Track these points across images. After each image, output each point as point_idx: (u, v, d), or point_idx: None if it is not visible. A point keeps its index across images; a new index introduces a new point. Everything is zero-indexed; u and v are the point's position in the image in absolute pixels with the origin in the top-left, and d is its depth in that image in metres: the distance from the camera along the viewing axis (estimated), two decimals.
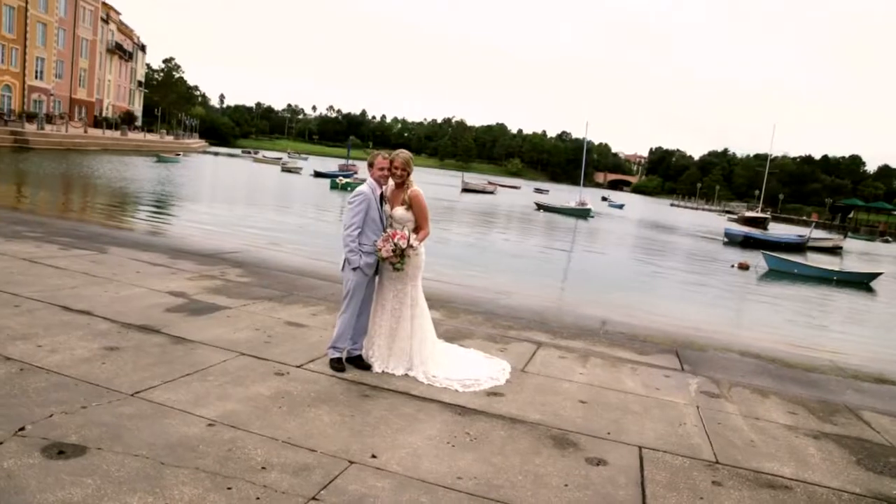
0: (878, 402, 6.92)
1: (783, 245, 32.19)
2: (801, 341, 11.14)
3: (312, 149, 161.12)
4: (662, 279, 19.05)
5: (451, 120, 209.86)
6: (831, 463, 4.81)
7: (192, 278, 8.30)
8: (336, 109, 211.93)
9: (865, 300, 19.67)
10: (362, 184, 5.35)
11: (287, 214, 24.88)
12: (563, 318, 9.62)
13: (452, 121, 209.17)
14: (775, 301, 17.48)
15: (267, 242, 14.48)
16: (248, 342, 5.74)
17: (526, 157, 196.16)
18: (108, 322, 5.73)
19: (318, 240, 17.44)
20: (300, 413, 4.26)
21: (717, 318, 12.81)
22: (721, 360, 7.90)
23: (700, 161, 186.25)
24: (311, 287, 9.01)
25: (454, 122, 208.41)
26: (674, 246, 33.63)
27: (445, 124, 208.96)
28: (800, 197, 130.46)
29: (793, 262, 23.00)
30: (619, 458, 4.29)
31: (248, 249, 12.15)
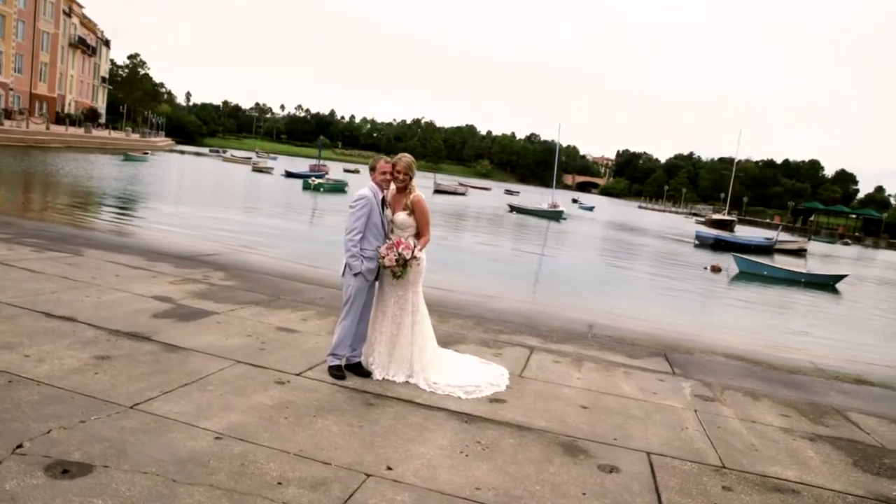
0: (862, 403, 7.08)
1: (752, 248, 32.95)
2: (779, 343, 11.37)
3: (281, 148, 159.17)
4: (640, 282, 19.27)
5: (420, 121, 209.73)
6: (830, 465, 4.89)
7: (174, 282, 8.06)
8: (305, 109, 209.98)
9: (833, 301, 20.23)
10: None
11: (262, 216, 24.44)
12: (551, 321, 9.62)
13: (422, 122, 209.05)
14: (749, 303, 17.84)
15: (245, 244, 14.18)
16: (242, 349, 5.57)
17: (495, 158, 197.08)
18: (94, 329, 5.50)
19: (296, 242, 17.21)
20: (308, 424, 4.13)
21: (698, 320, 13.01)
22: (709, 363, 7.99)
23: (666, 164, 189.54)
24: (297, 291, 8.84)
25: (424, 122, 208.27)
26: (647, 248, 34.11)
27: (415, 125, 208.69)
28: (762, 200, 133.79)
29: (762, 265, 23.53)
30: (631, 465, 4.27)
31: (227, 252, 11.89)
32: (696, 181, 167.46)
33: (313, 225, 24.20)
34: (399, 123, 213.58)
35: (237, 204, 29.28)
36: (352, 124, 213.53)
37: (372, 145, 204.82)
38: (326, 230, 21.86)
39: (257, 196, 35.52)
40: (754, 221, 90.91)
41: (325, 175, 48.41)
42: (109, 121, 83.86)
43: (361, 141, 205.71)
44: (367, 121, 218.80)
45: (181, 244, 11.99)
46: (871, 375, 9.15)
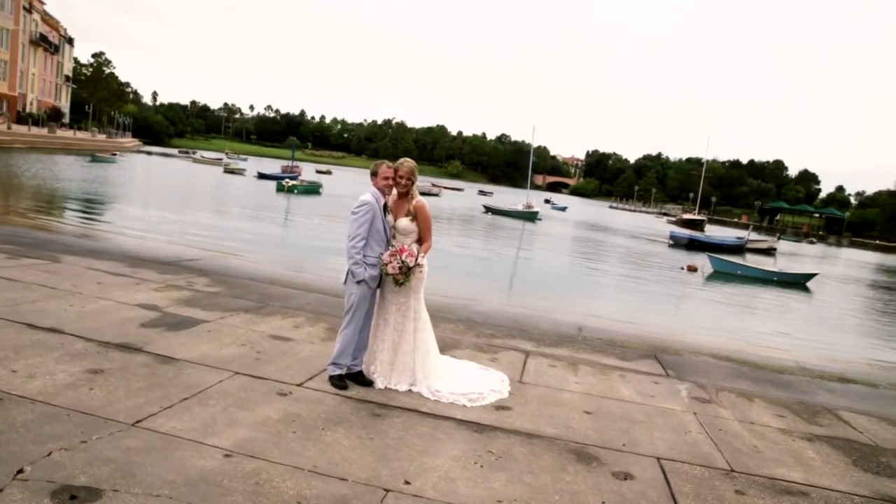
0: (849, 401, 7.21)
1: (725, 247, 33.61)
2: (760, 342, 11.55)
3: (250, 149, 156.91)
4: (621, 283, 19.44)
5: (391, 121, 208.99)
6: (832, 466, 4.94)
7: (158, 289, 7.82)
8: (274, 109, 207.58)
9: (805, 300, 20.71)
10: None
11: (238, 219, 24.00)
12: (540, 324, 9.61)
13: (393, 122, 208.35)
14: (727, 303, 18.15)
15: (225, 249, 13.88)
16: (238, 359, 5.41)
17: (466, 158, 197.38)
18: (83, 341, 5.29)
19: (276, 246, 16.96)
20: (317, 437, 4.02)
21: (681, 320, 13.16)
22: (699, 364, 8.06)
23: (635, 164, 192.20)
24: (285, 297, 8.67)
25: (394, 123, 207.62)
26: (624, 249, 34.47)
27: (386, 126, 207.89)
28: (729, 199, 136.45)
29: (736, 264, 24.00)
30: (643, 472, 4.26)
31: (209, 256, 11.61)
32: (664, 181, 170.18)
33: (291, 228, 23.83)
34: (370, 124, 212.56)
35: (212, 207, 28.74)
36: (322, 125, 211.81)
37: (343, 146, 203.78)
38: (304, 233, 21.61)
39: (231, 198, 34.91)
40: (723, 221, 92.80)
41: (298, 176, 47.89)
42: (73, 121, 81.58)
43: (332, 141, 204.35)
44: (337, 121, 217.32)
45: (161, 249, 11.67)
46: (853, 373, 9.35)
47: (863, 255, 63.56)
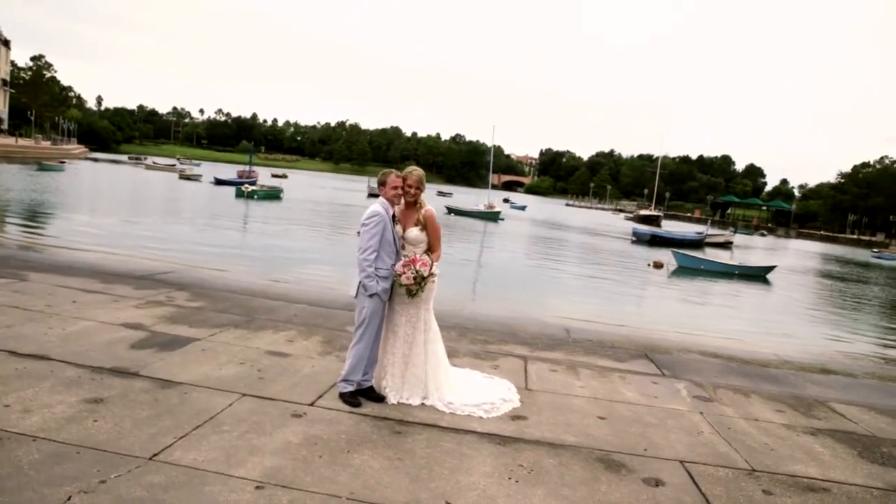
0: (836, 392, 7.41)
1: (685, 242, 34.47)
2: (737, 336, 11.84)
3: (202, 154, 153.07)
4: (593, 282, 19.64)
5: (345, 123, 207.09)
6: (841, 459, 5.05)
7: (139, 306, 7.46)
8: (225, 113, 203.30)
9: (768, 292, 21.38)
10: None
11: (202, 228, 23.23)
12: (528, 327, 9.57)
13: (346, 124, 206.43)
14: (697, 298, 18.57)
15: (195, 259, 13.41)
16: (241, 380, 5.18)
17: (421, 159, 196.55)
18: (73, 367, 4.97)
19: (246, 254, 16.50)
20: (345, 461, 3.85)
21: (660, 317, 13.35)
22: (690, 363, 8.15)
23: (589, 162, 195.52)
24: (270, 309, 8.39)
25: (348, 125, 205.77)
26: (590, 247, 34.92)
27: (339, 128, 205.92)
28: (680, 194, 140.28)
29: (699, 259, 24.58)
30: (671, 477, 4.25)
31: (182, 268, 11.17)
32: (618, 178, 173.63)
33: (257, 235, 23.18)
34: (323, 126, 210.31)
35: (173, 215, 27.83)
36: (275, 128, 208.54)
37: (296, 149, 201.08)
38: (273, 241, 21.12)
39: (191, 206, 33.83)
40: (676, 216, 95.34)
41: (256, 182, 46.88)
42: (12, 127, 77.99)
43: (285, 144, 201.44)
44: (290, 124, 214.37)
45: (130, 262, 11.17)
46: (831, 364, 9.64)
47: (810, 246, 66.26)
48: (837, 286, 27.25)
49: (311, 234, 25.26)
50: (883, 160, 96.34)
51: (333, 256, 18.52)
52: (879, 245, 69.66)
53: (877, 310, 21.09)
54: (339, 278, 13.69)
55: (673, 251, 25.50)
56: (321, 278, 13.44)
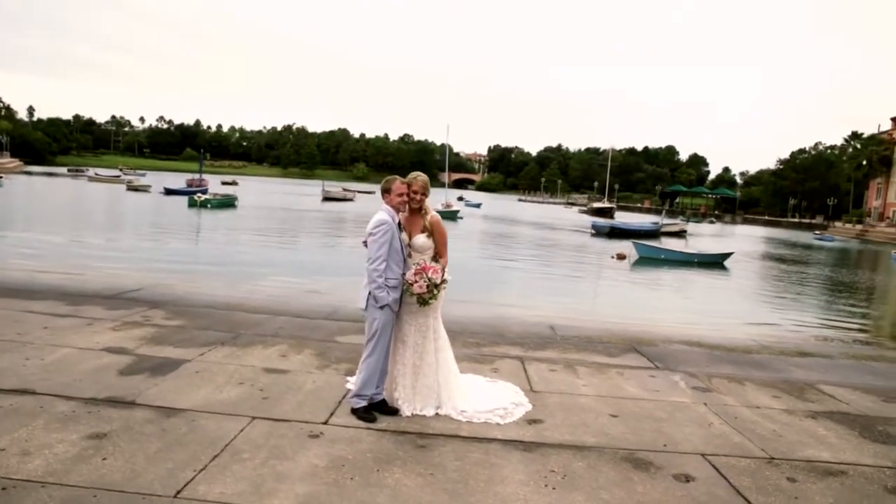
0: (820, 374, 7.66)
1: (643, 233, 35.27)
2: (712, 323, 12.14)
3: (145, 163, 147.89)
4: (561, 276, 19.85)
5: (291, 127, 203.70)
6: (846, 441, 5.19)
7: (116, 328, 7.08)
8: (167, 120, 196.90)
9: (727, 278, 22.04)
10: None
11: (159, 240, 22.34)
12: (513, 327, 9.54)
13: (293, 128, 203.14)
14: (663, 287, 19.00)
15: (162, 275, 12.87)
16: (245, 401, 4.96)
17: (371, 161, 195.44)
18: (63, 400, 4.64)
19: (212, 266, 15.94)
20: (378, 481, 3.71)
21: (637, 309, 13.57)
22: (678, 354, 8.25)
23: (538, 157, 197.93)
24: (253, 323, 8.11)
25: (295, 128, 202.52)
26: (552, 241, 35.28)
27: (286, 132, 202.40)
28: (628, 185, 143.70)
29: (659, 249, 25.17)
30: (698, 471, 4.27)
31: (148, 285, 10.68)
32: (567, 171, 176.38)
33: (219, 245, 22.45)
34: (269, 130, 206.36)
35: (127, 229, 26.75)
36: (219, 134, 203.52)
37: (243, 154, 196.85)
38: (235, 250, 20.54)
39: (143, 218, 32.50)
40: (627, 207, 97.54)
41: (207, 190, 45.60)
42: None
43: (231, 150, 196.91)
44: (235, 129, 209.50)
45: (94, 281, 10.62)
46: (806, 347, 10.00)
47: (756, 231, 68.89)
48: (790, 269, 28.36)
49: (273, 242, 24.68)
50: (817, 146, 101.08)
51: (302, 264, 18.14)
52: (819, 227, 73.05)
53: (831, 290, 22.01)
54: (311, 286, 13.42)
55: (633, 242, 26.03)
56: (295, 287, 13.12)
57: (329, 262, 19.36)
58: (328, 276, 15.72)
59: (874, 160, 79.68)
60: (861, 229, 70.21)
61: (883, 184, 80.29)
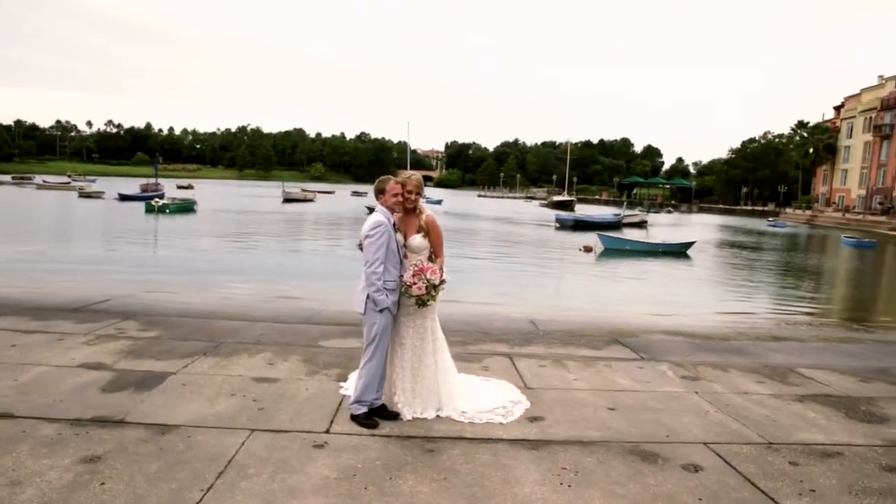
0: (796, 358, 7.87)
1: (606, 225, 35.80)
2: (686, 312, 12.37)
3: (95, 169, 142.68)
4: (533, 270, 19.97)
5: (246, 128, 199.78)
6: (835, 422, 5.34)
7: (90, 342, 6.78)
8: (116, 124, 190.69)
9: (692, 266, 22.54)
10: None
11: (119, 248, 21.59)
12: (494, 323, 9.52)
13: (248, 128, 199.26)
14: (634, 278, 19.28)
15: (127, 284, 12.40)
16: (240, 413, 4.79)
17: (328, 160, 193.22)
18: (47, 423, 4.40)
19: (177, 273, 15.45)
20: (393, 489, 3.62)
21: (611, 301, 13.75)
22: (660, 344, 8.34)
23: (495, 152, 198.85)
24: (232, 331, 7.87)
25: (250, 129, 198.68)
26: (518, 236, 35.50)
27: (241, 133, 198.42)
28: (585, 178, 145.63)
29: (624, 240, 25.61)
30: (705, 460, 4.32)
31: (116, 295, 10.24)
32: (524, 166, 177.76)
33: (182, 251, 21.75)
34: (223, 132, 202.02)
35: (84, 237, 25.73)
36: (172, 137, 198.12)
37: (197, 157, 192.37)
38: (200, 255, 20.02)
39: (99, 226, 31.38)
40: (585, 199, 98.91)
41: (164, 195, 44.33)
42: None
43: (184, 153, 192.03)
44: (188, 132, 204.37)
45: (57, 294, 10.14)
46: (778, 331, 10.25)
47: (712, 219, 70.77)
48: (751, 256, 29.22)
49: (238, 246, 24.12)
50: (766, 135, 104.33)
51: (270, 267, 17.79)
52: (772, 214, 75.53)
53: (792, 275, 22.76)
54: (284, 290, 13.15)
55: (598, 234, 26.40)
56: (267, 292, 12.82)
57: (298, 265, 19.07)
58: (299, 279, 15.46)
59: (820, 148, 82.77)
60: (810, 215, 72.89)
61: (828, 170, 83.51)
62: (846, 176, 79.16)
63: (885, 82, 74.72)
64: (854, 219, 62.83)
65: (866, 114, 74.70)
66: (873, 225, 57.95)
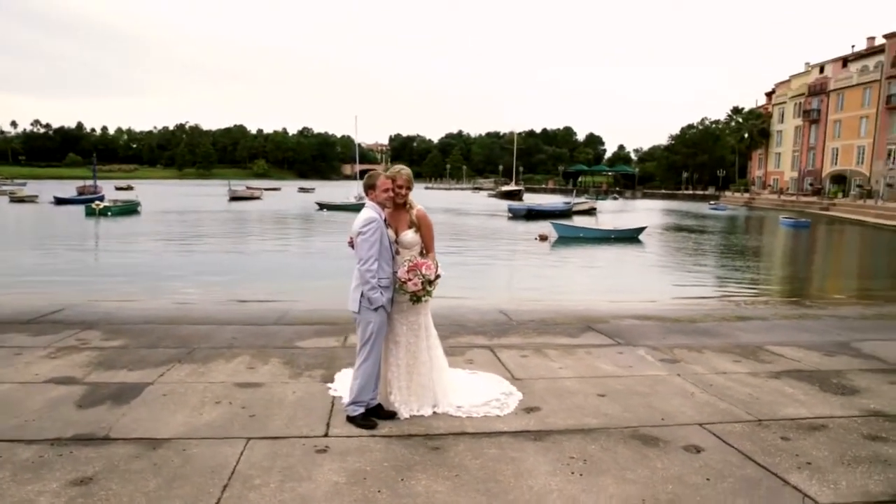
0: (763, 336, 8.16)
1: (557, 213, 36.32)
2: (649, 297, 12.65)
3: (22, 171, 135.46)
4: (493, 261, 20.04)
5: (184, 126, 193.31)
6: (813, 397, 5.56)
7: (52, 356, 6.40)
8: (44, 124, 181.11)
9: (644, 251, 23.10)
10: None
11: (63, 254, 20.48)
12: (467, 315, 9.50)
13: (186, 126, 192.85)
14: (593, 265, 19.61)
15: (77, 291, 11.81)
16: (232, 421, 4.61)
17: (270, 156, 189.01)
18: (24, 445, 4.11)
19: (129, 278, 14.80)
20: (406, 491, 3.55)
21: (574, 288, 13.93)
22: (632, 329, 8.50)
23: (440, 144, 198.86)
24: (202, 336, 7.58)
25: (188, 127, 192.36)
26: (472, 227, 35.54)
27: (179, 131, 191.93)
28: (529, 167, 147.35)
29: (578, 228, 26.04)
30: (703, 441, 4.42)
31: (70, 304, 9.69)
32: (469, 157, 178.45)
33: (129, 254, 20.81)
34: (161, 130, 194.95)
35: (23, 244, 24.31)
36: (105, 136, 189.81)
37: (133, 157, 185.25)
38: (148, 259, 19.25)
39: (37, 231, 29.72)
40: (532, 188, 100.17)
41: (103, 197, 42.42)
42: None
43: (120, 153, 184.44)
44: (123, 131, 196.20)
45: (4, 305, 9.47)
46: (739, 311, 10.65)
47: (656, 204, 72.84)
48: (700, 239, 30.25)
49: (189, 247, 23.32)
50: (704, 121, 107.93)
51: (226, 267, 17.28)
52: (713, 198, 78.37)
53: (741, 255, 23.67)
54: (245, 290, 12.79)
55: (552, 223, 26.76)
56: (228, 293, 12.44)
57: (255, 265, 18.57)
58: (258, 279, 15.09)
59: (754, 133, 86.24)
60: (748, 197, 75.99)
61: (763, 154, 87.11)
62: (779, 159, 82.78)
63: (811, 69, 78.32)
64: (788, 200, 65.82)
65: (795, 99, 78.20)
66: (806, 205, 60.87)
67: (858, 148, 65.29)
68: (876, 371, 6.44)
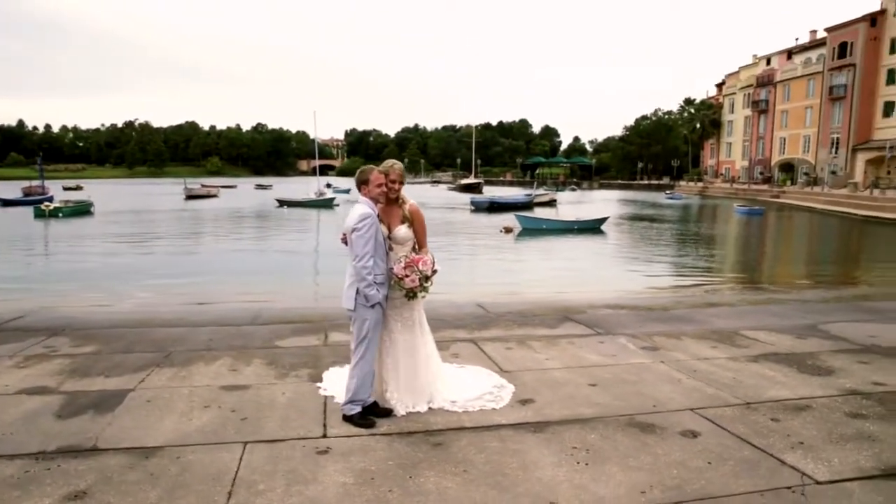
0: (737, 321, 8.42)
1: (519, 205, 36.60)
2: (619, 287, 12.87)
3: None
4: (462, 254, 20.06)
5: (134, 123, 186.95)
6: (792, 378, 5.75)
7: (22, 365, 6.11)
8: None
9: (607, 241, 23.50)
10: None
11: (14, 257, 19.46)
12: (445, 309, 9.44)
13: (136, 123, 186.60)
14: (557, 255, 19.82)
15: (35, 296, 11.31)
16: (224, 426, 4.48)
17: (224, 153, 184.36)
18: (6, 460, 3.89)
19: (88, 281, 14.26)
20: (417, 490, 3.52)
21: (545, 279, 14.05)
22: (609, 318, 8.63)
23: (396, 138, 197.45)
24: (177, 339, 7.36)
25: (138, 124, 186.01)
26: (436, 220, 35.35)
27: (129, 128, 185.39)
28: (486, 160, 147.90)
29: (541, 220, 26.31)
30: (698, 426, 4.52)
31: (29, 310, 9.24)
32: (426, 150, 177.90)
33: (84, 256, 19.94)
34: (109, 128, 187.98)
35: None
36: (49, 135, 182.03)
37: (80, 156, 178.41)
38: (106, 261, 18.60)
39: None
40: (490, 181, 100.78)
41: (52, 198, 40.75)
42: None
43: (66, 152, 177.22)
44: (68, 129, 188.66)
45: None
46: (709, 298, 10.93)
47: (613, 194, 74.18)
48: (660, 227, 30.96)
49: (147, 248, 22.59)
50: (657, 112, 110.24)
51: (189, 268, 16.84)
52: (668, 187, 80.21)
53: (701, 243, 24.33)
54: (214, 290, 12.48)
55: (515, 215, 26.97)
56: (197, 293, 12.12)
57: (217, 263, 18.16)
58: (223, 278, 14.77)
59: (706, 123, 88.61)
60: (702, 186, 78.09)
61: (715, 144, 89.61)
62: (730, 149, 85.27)
63: (758, 61, 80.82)
64: (740, 188, 67.89)
65: (745, 90, 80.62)
66: (757, 193, 62.93)
67: (804, 137, 67.78)
68: (846, 352, 6.70)
